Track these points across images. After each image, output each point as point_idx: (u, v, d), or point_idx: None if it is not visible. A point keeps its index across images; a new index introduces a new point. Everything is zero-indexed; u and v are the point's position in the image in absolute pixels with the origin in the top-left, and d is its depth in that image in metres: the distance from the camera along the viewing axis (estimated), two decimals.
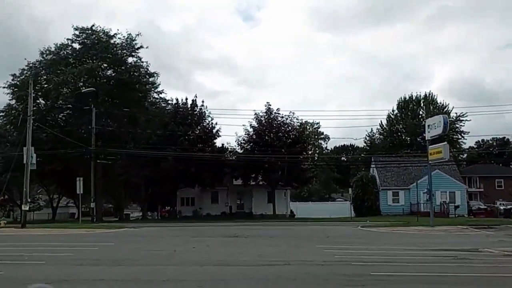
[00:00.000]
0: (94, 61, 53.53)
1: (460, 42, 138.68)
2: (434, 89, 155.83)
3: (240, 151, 56.47)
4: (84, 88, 55.26)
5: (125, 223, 49.39)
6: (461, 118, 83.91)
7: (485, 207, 64.65)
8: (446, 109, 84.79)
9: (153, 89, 63.91)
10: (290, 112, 55.73)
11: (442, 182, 59.70)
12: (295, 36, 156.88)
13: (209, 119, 57.20)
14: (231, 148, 56.88)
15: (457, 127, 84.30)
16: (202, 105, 57.34)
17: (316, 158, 75.83)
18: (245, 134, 55.67)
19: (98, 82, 56.65)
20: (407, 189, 60.46)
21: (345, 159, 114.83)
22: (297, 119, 55.85)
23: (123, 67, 56.32)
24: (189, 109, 57.09)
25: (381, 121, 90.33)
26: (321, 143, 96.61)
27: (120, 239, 24.71)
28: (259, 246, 20.32)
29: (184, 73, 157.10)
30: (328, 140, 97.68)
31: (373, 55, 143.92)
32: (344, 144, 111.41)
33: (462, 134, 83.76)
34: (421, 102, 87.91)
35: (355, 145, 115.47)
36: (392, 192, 60.99)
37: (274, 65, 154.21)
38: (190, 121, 55.89)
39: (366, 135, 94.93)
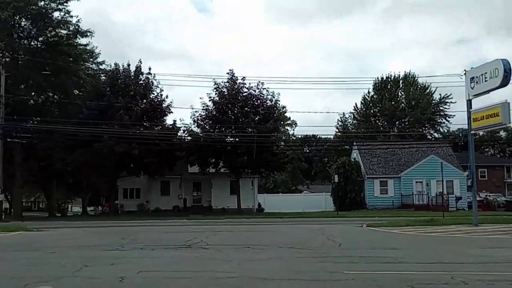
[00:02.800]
0: (8, 12, 41.35)
1: (414, 36, 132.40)
2: None
3: (196, 130, 45.18)
4: None
5: (48, 221, 38.00)
6: (446, 100, 74.73)
7: (481, 199, 55.26)
8: (428, 89, 75.80)
9: (91, 59, 52.25)
10: (259, 82, 44.77)
11: (438, 169, 49.91)
12: (251, 27, 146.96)
13: (158, 90, 45.75)
14: (185, 126, 45.38)
15: (441, 110, 75.15)
16: (149, 73, 45.84)
17: (286, 138, 63.85)
18: (202, 109, 44.48)
19: (16, 42, 44.67)
20: (397, 177, 50.62)
21: (308, 150, 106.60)
22: (267, 90, 44.91)
23: (47, 22, 44.23)
24: (132, 77, 45.46)
25: (355, 104, 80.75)
26: (287, 130, 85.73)
27: None
28: (239, 279, 9.43)
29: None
30: (296, 126, 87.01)
31: (330, 47, 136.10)
32: (307, 135, 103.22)
33: (447, 118, 74.53)
34: (400, 82, 78.40)
35: (318, 136, 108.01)
36: (380, 181, 50.91)
37: (230, 57, 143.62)
38: (134, 92, 44.37)
39: (338, 119, 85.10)
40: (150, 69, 45.96)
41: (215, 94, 44.26)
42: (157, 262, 12.10)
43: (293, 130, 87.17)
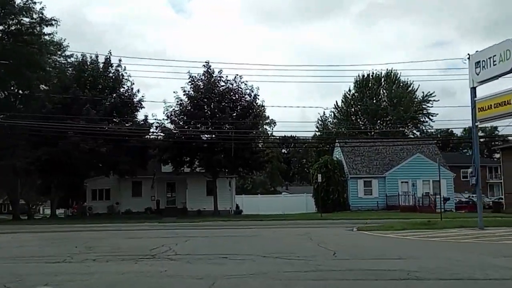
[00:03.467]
0: None
1: (390, 39, 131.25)
2: None
3: (170, 126, 42.22)
4: None
5: (8, 225, 35.18)
6: (429, 98, 72.76)
7: (467, 200, 53.30)
8: (411, 87, 73.80)
9: (58, 51, 48.79)
10: (237, 75, 42.00)
11: (425, 168, 47.93)
12: (230, 28, 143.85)
13: (129, 84, 42.78)
14: (158, 123, 42.39)
15: (424, 108, 73.14)
16: (119, 66, 42.87)
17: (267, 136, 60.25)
18: (177, 104, 41.55)
19: None
20: (382, 177, 48.21)
21: (286, 151, 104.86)
22: (245, 84, 42.17)
23: (9, 9, 40.80)
24: (101, 70, 42.37)
25: (336, 102, 78.27)
26: (266, 129, 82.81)
27: None
28: None
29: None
30: (275, 125, 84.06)
31: (307, 50, 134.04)
32: (285, 135, 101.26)
33: (430, 117, 72.47)
34: (382, 80, 76.13)
35: (296, 137, 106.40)
36: (364, 181, 48.43)
37: (208, 58, 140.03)
38: (102, 85, 41.32)
39: (318, 118, 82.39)
40: (120, 61, 43.15)
41: (190, 88, 41.45)
42: (105, 282, 9.26)
43: (272, 129, 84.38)
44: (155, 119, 41.96)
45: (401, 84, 74.49)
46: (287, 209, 52.18)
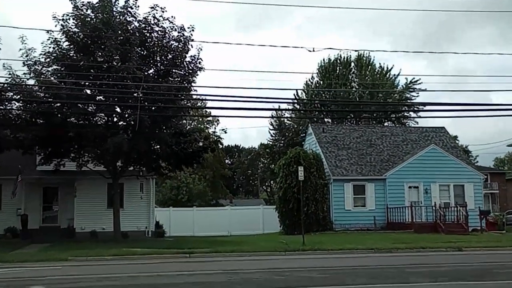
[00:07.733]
0: None
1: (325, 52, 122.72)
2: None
3: (35, 85, 24.37)
4: None
5: None
6: (413, 86, 57.41)
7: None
8: (389, 73, 58.66)
9: None
10: (156, 6, 24.69)
11: (442, 167, 32.10)
12: None
13: None
14: (14, 80, 24.17)
15: (409, 98, 57.76)
16: None
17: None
18: (52, 48, 23.86)
19: None
20: (380, 179, 31.90)
21: (229, 162, 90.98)
22: (170, 21, 24.99)
23: None
24: None
25: (296, 92, 62.00)
26: (207, 127, 65.78)
27: None
28: None
29: None
30: (217, 123, 67.26)
31: (244, 62, 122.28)
32: (229, 145, 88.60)
33: (416, 108, 56.78)
34: (352, 64, 60.71)
35: (241, 146, 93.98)
36: (353, 185, 31.86)
37: None
38: None
39: (272, 114, 65.85)
40: None
41: (73, 22, 23.88)
42: None
43: (214, 127, 67.88)
44: (11, 74, 23.78)
45: (377, 70, 59.30)
46: (235, 227, 36.25)
